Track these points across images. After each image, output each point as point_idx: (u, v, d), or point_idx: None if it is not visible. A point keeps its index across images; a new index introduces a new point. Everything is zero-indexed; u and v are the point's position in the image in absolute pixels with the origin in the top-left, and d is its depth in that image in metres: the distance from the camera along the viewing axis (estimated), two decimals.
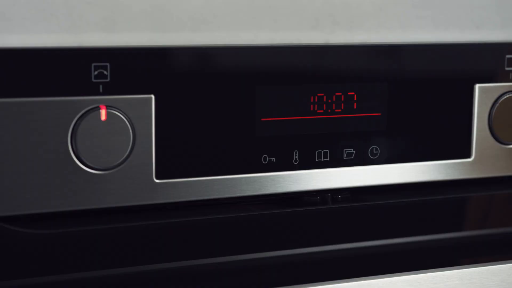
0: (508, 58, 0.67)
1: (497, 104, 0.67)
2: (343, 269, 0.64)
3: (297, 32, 0.61)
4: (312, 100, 0.62)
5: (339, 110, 0.63)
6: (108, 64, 0.56)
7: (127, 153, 0.57)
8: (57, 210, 0.56)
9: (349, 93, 0.63)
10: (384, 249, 0.66)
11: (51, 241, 0.56)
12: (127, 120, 0.57)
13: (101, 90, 0.56)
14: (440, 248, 0.68)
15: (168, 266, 0.60)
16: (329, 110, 0.63)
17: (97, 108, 0.56)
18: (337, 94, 0.63)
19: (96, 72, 0.56)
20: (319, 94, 0.62)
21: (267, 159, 0.61)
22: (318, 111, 0.62)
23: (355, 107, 0.63)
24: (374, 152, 0.64)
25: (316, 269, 0.64)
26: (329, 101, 0.62)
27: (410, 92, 0.65)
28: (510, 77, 0.68)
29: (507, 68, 0.67)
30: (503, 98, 0.68)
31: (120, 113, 0.57)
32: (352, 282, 0.62)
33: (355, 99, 0.63)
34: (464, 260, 0.67)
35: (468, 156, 0.68)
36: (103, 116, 0.56)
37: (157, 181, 0.58)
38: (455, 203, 0.69)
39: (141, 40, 0.57)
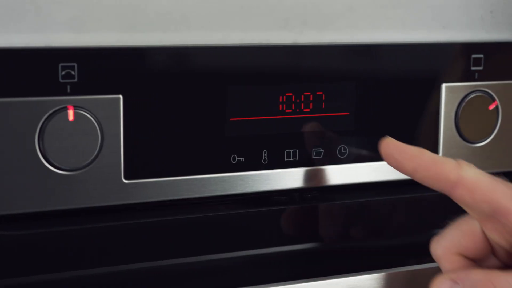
0: (474, 58, 0.68)
1: (464, 104, 0.68)
2: (310, 268, 0.64)
3: (266, 32, 0.61)
4: (280, 100, 0.62)
5: (308, 110, 0.63)
6: (75, 64, 0.55)
7: (95, 153, 0.57)
8: (25, 211, 0.56)
9: (318, 93, 0.63)
10: (352, 247, 0.67)
11: (19, 243, 0.56)
12: (95, 121, 0.56)
13: (68, 91, 0.55)
14: (407, 246, 0.69)
15: (136, 266, 0.60)
16: (298, 110, 0.63)
17: (65, 109, 0.55)
18: (305, 93, 0.63)
19: (63, 72, 0.55)
20: (287, 94, 0.62)
21: (236, 159, 0.61)
22: (287, 110, 0.62)
23: (323, 106, 0.63)
24: (343, 151, 0.65)
25: (284, 268, 0.64)
26: (298, 100, 0.63)
27: (378, 91, 0.65)
28: (476, 77, 0.68)
29: (473, 68, 0.68)
30: (469, 98, 0.68)
31: (88, 114, 0.56)
32: (320, 281, 0.62)
33: (323, 98, 0.63)
34: None
35: None
36: (70, 117, 0.56)
37: (126, 181, 0.58)
38: (422, 201, 0.69)
39: (109, 40, 0.56)
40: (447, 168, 0.55)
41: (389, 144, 0.57)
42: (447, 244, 0.57)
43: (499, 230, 0.54)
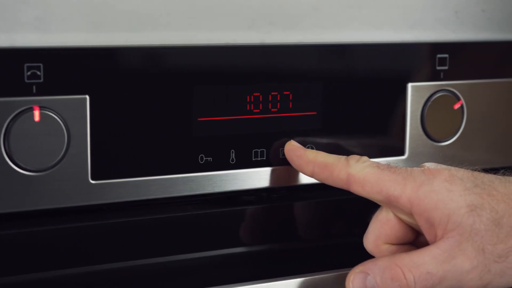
0: (439, 58, 0.69)
1: (429, 103, 0.69)
2: (278, 267, 0.65)
3: (233, 32, 0.61)
4: (248, 100, 0.62)
5: (275, 110, 0.63)
6: (41, 65, 0.55)
7: (61, 154, 0.56)
8: None
9: (285, 93, 0.63)
10: (320, 246, 0.67)
11: None
12: (62, 121, 0.56)
13: (34, 91, 0.55)
14: None
15: (104, 267, 0.59)
16: (265, 110, 0.63)
17: (31, 109, 0.55)
18: (273, 93, 0.63)
19: (29, 73, 0.55)
20: (255, 94, 0.62)
21: (204, 158, 0.61)
22: (254, 110, 0.63)
23: (291, 106, 0.64)
24: None
25: (252, 268, 0.64)
26: (265, 100, 0.63)
27: (345, 91, 0.66)
28: (441, 76, 0.69)
29: (438, 68, 0.69)
30: (435, 97, 0.69)
31: (54, 114, 0.56)
32: (288, 280, 0.62)
33: (290, 98, 0.64)
34: None
35: (402, 154, 0.69)
36: (36, 117, 0.55)
37: (93, 182, 0.58)
38: None
39: (75, 40, 0.56)
40: (337, 169, 0.58)
41: (289, 150, 0.60)
42: (372, 237, 0.59)
43: (401, 212, 0.56)
